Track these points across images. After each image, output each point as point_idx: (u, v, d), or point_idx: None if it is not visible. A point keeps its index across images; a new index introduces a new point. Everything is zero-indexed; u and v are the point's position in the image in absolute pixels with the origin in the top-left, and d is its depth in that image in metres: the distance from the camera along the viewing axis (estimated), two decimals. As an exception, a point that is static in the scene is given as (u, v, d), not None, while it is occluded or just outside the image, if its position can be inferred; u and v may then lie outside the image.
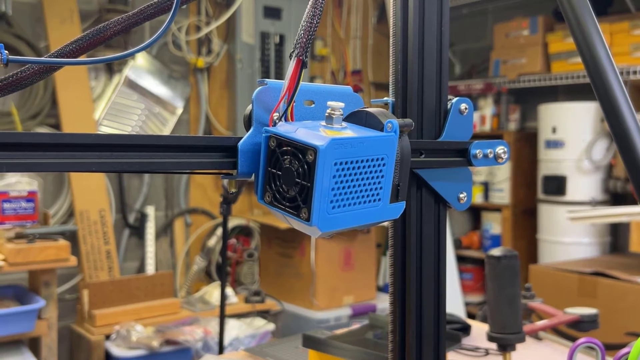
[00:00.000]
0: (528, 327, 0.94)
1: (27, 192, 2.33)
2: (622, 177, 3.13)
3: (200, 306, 2.87)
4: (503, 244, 3.51)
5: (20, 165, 0.33)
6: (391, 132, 0.38)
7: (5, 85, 0.35)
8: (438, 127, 0.49)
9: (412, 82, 0.49)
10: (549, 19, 3.45)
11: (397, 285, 0.50)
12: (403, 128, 0.39)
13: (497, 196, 3.60)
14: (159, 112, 3.18)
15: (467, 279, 3.67)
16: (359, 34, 3.93)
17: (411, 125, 0.39)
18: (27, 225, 2.31)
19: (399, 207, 0.40)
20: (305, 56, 0.38)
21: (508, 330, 0.81)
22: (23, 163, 0.33)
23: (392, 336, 0.51)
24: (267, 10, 3.41)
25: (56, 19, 2.84)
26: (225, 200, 1.97)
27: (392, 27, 0.50)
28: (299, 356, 1.03)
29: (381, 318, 1.00)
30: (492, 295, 0.80)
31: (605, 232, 3.24)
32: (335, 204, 0.36)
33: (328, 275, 2.99)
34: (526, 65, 3.49)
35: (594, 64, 0.41)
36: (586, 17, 0.42)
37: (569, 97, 3.47)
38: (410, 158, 0.40)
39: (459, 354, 1.02)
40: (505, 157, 0.50)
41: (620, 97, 0.40)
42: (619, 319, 2.10)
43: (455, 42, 4.04)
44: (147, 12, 0.38)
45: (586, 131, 3.16)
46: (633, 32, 3.03)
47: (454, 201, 0.49)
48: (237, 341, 2.63)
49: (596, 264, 2.67)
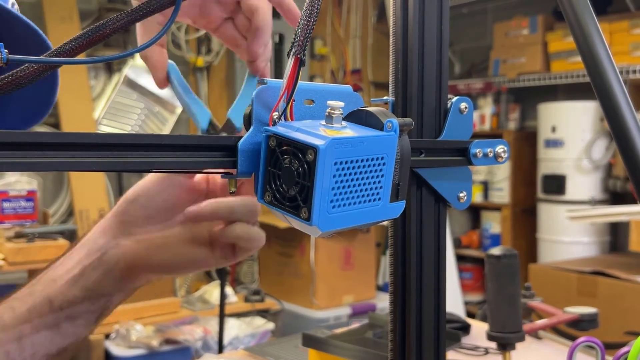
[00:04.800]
0: (528, 326, 0.94)
1: (26, 191, 2.33)
2: (622, 176, 3.13)
3: (200, 305, 2.87)
4: (503, 243, 3.51)
5: (20, 164, 0.33)
6: (391, 131, 0.38)
7: (4, 84, 0.35)
8: (438, 127, 0.49)
9: (412, 81, 0.49)
10: (549, 18, 3.45)
11: (397, 285, 0.50)
12: (403, 127, 0.39)
13: (496, 195, 3.60)
14: (158, 112, 3.18)
15: (466, 278, 3.67)
16: (358, 33, 3.93)
17: (411, 124, 0.39)
18: (26, 224, 2.31)
19: (399, 206, 0.40)
20: (303, 54, 0.38)
21: (508, 329, 0.81)
22: (22, 162, 0.33)
23: (392, 335, 0.51)
24: (267, 10, 3.41)
25: (56, 18, 2.84)
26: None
27: (391, 26, 0.50)
28: (298, 355, 1.03)
29: (381, 317, 1.00)
30: (492, 295, 0.80)
31: (604, 231, 3.23)
32: (335, 203, 0.36)
33: (328, 274, 2.99)
34: (526, 64, 3.49)
35: (593, 63, 0.41)
36: (586, 16, 0.42)
37: (568, 97, 3.46)
38: (410, 157, 0.40)
39: (458, 353, 1.02)
40: (505, 156, 0.50)
41: (620, 96, 0.40)
42: (619, 318, 2.10)
43: (455, 42, 4.04)
44: (148, 9, 0.38)
45: (586, 130, 3.16)
46: (633, 31, 3.03)
47: (453, 200, 0.49)
48: (236, 340, 2.63)
49: (596, 263, 2.67)
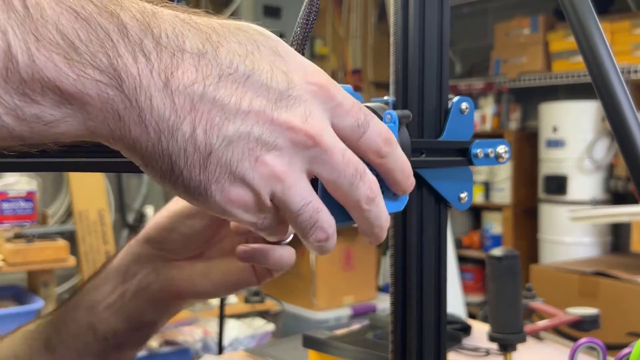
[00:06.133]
0: (529, 327, 0.94)
1: (25, 192, 2.33)
2: (623, 177, 3.13)
3: (200, 306, 2.87)
4: (504, 244, 3.51)
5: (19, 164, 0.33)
6: (390, 122, 0.38)
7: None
8: (439, 127, 0.48)
9: (412, 81, 0.48)
10: (550, 18, 3.45)
11: (398, 285, 0.50)
12: (402, 119, 0.39)
13: (497, 196, 3.60)
14: (159, 112, 3.18)
15: (467, 278, 3.67)
16: (359, 33, 3.93)
17: (409, 116, 0.39)
18: (25, 225, 2.31)
19: (402, 200, 0.40)
20: (302, 53, 0.38)
21: (509, 330, 0.80)
22: (22, 163, 0.33)
23: (393, 336, 0.51)
24: (267, 10, 3.41)
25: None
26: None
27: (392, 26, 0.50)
28: (299, 356, 1.03)
29: (381, 318, 1.00)
30: (493, 295, 0.80)
31: (606, 231, 3.23)
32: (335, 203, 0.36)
33: (328, 275, 2.99)
34: (527, 64, 3.49)
35: (595, 62, 0.41)
36: (587, 16, 0.41)
37: (570, 96, 3.46)
38: (410, 150, 0.39)
39: (459, 354, 1.01)
40: (506, 156, 0.49)
41: (621, 96, 0.40)
42: (620, 319, 2.10)
43: (456, 41, 4.04)
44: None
45: (587, 130, 3.16)
46: (634, 31, 3.02)
47: (454, 201, 0.49)
48: (236, 341, 2.62)
49: (597, 264, 2.67)
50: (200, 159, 0.30)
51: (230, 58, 0.30)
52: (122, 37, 0.28)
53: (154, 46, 0.28)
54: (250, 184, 0.31)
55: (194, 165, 0.30)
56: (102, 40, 0.27)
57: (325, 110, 0.33)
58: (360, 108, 0.35)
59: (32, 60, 0.26)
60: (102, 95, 0.28)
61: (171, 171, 0.30)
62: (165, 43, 0.29)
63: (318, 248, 0.35)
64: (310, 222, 0.33)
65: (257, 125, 0.30)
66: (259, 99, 0.31)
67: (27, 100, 0.27)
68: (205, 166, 0.30)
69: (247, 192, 0.31)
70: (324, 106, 0.33)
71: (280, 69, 0.32)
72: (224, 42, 0.31)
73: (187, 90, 0.29)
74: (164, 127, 0.29)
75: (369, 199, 0.35)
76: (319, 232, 0.34)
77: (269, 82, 0.31)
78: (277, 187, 0.32)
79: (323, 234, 0.34)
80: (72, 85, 0.27)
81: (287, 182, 0.32)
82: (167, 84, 0.29)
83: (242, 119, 0.30)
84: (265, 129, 0.31)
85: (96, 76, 0.27)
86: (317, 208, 0.33)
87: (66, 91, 0.27)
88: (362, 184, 0.34)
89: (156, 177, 0.31)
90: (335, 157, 0.33)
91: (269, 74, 0.31)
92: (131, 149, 0.29)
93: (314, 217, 0.33)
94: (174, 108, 0.29)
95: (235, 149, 0.30)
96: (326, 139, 0.32)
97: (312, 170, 0.33)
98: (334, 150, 0.33)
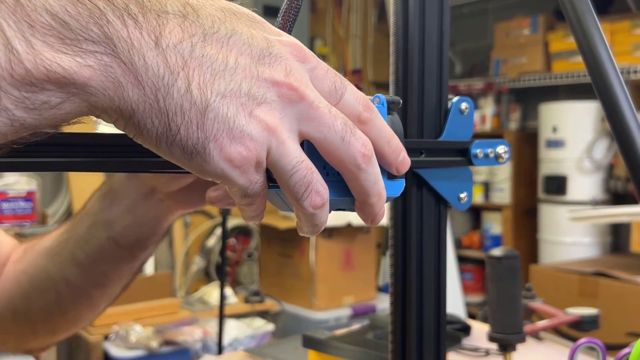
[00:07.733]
0: (529, 328, 0.94)
1: (25, 191, 2.33)
2: (623, 177, 3.13)
3: (200, 306, 2.87)
4: (503, 244, 3.51)
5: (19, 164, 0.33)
6: (379, 105, 0.38)
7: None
8: (438, 127, 0.48)
9: (412, 81, 0.48)
10: (550, 18, 3.45)
11: (398, 286, 0.50)
12: (391, 104, 0.39)
13: (497, 196, 3.60)
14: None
15: (467, 279, 3.67)
16: (359, 33, 3.93)
17: (399, 102, 0.40)
18: (25, 225, 2.31)
19: (399, 184, 0.39)
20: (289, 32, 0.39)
21: (509, 330, 0.80)
22: (21, 162, 0.33)
23: (393, 336, 0.51)
24: (267, 10, 3.41)
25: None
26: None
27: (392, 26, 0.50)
28: (298, 357, 1.03)
29: (381, 318, 1.00)
30: (493, 296, 0.80)
31: (606, 232, 3.23)
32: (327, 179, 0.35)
33: (328, 275, 2.99)
34: (527, 64, 3.49)
35: (594, 63, 0.41)
36: (587, 16, 0.41)
37: (569, 97, 3.46)
38: (403, 135, 0.39)
39: (459, 354, 1.01)
40: (506, 156, 0.49)
41: (621, 96, 0.40)
42: (620, 319, 2.10)
43: (456, 41, 4.04)
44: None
45: (587, 131, 3.16)
46: (634, 31, 3.02)
47: (454, 201, 0.49)
48: (236, 342, 2.62)
49: (597, 264, 2.67)
50: (198, 115, 0.30)
51: (211, 20, 0.31)
52: (109, 4, 0.28)
53: (139, 9, 0.29)
54: (250, 139, 0.31)
55: (191, 121, 0.30)
56: (91, 10, 0.28)
57: (304, 70, 0.34)
58: (335, 73, 0.35)
59: (31, 48, 0.27)
60: (100, 63, 0.28)
61: (168, 130, 0.30)
62: (149, 6, 0.30)
63: (312, 217, 0.34)
64: (304, 182, 0.32)
65: (245, 81, 0.31)
66: (242, 57, 0.31)
67: (35, 90, 0.27)
68: (203, 122, 0.30)
69: (245, 149, 0.31)
70: (302, 66, 0.33)
71: (258, 31, 0.33)
72: (202, 7, 0.32)
73: (177, 47, 0.30)
74: (159, 84, 0.29)
75: (364, 156, 0.34)
76: (314, 195, 0.33)
77: (250, 41, 0.32)
78: (272, 141, 0.32)
79: (318, 197, 0.33)
80: (71, 62, 0.28)
81: (281, 136, 0.32)
82: (157, 43, 0.29)
83: (230, 75, 0.31)
84: (253, 83, 0.31)
85: (91, 47, 0.28)
86: (310, 167, 0.33)
87: (67, 69, 0.28)
88: (354, 140, 0.33)
89: (152, 143, 0.31)
90: (322, 110, 0.33)
91: (249, 35, 0.32)
92: (128, 117, 0.30)
93: (308, 177, 0.32)
94: (167, 65, 0.29)
95: (230, 104, 0.30)
96: (310, 92, 0.33)
97: (301, 129, 0.33)
98: (320, 105, 0.33)
